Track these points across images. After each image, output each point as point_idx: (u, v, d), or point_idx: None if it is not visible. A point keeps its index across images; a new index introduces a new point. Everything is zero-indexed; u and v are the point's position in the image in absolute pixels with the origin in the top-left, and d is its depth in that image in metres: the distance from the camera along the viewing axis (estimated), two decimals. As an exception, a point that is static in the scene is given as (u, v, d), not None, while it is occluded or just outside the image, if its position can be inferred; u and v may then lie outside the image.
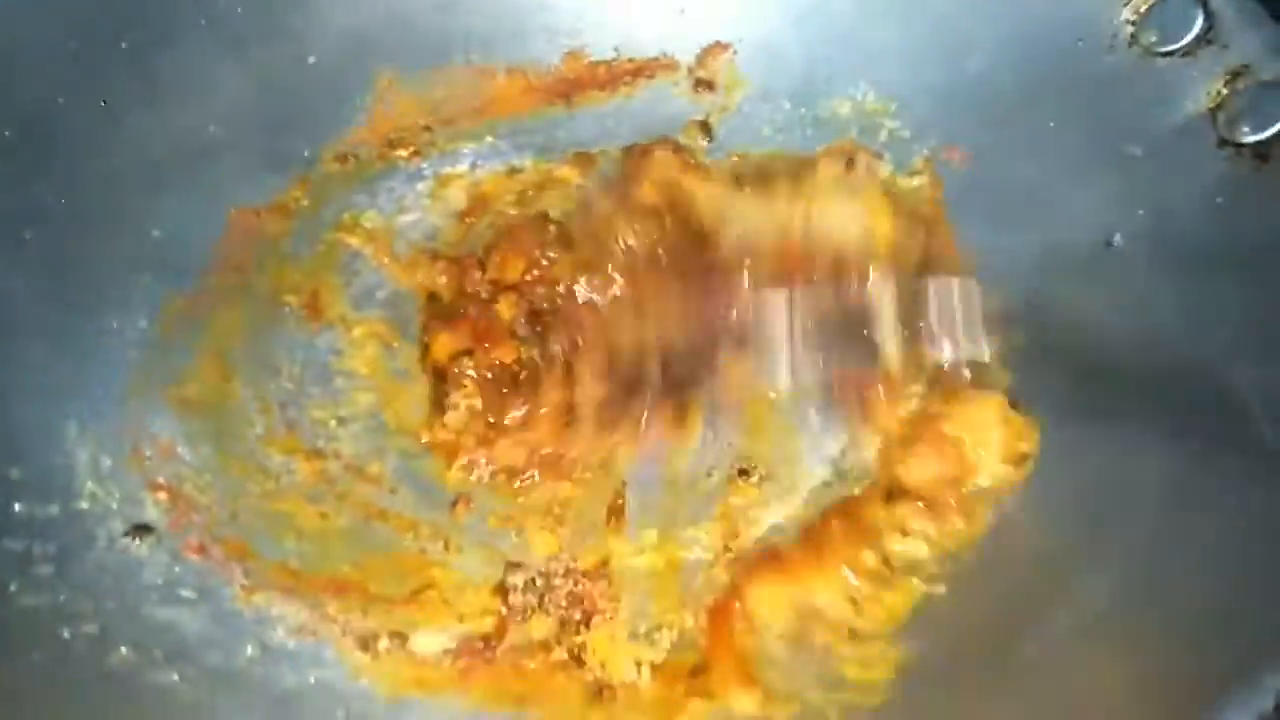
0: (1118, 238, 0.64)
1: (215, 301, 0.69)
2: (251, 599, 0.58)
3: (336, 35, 0.76)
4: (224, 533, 0.60)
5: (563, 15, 0.79)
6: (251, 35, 0.73)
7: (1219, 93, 0.62)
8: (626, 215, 0.70)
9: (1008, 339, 0.66)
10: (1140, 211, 0.64)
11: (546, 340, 0.66)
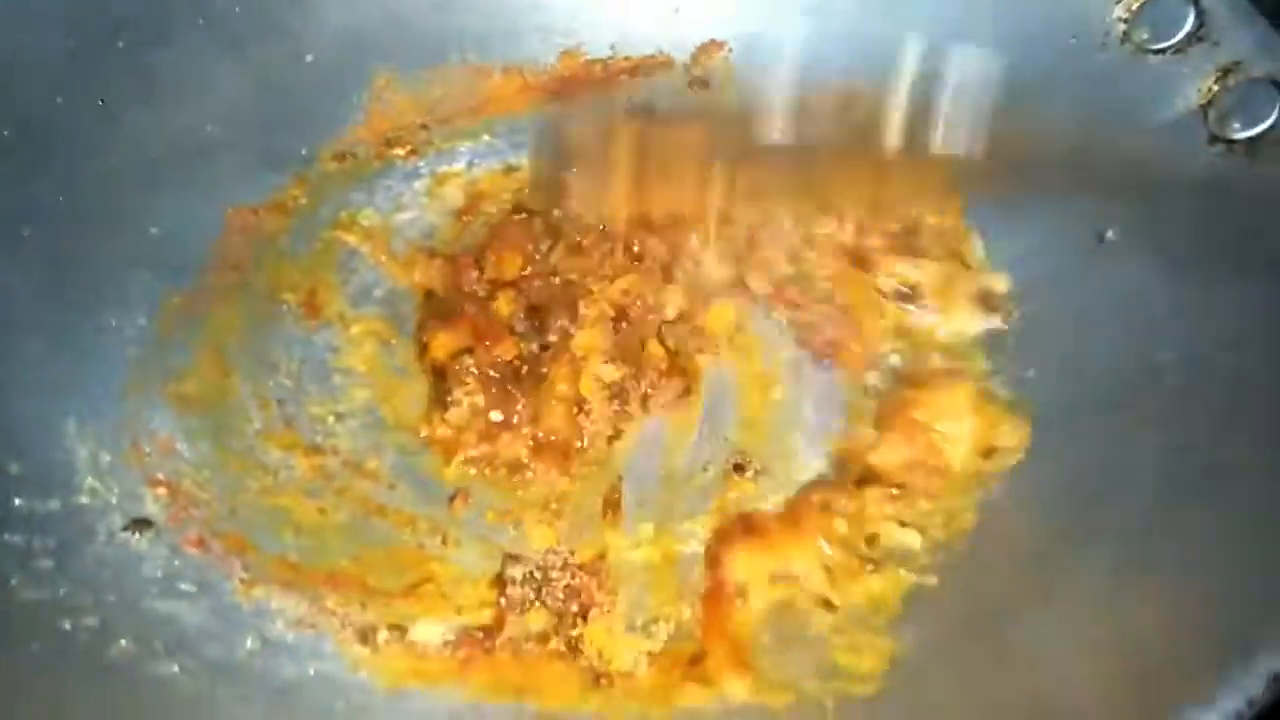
0: (1110, 233, 0.65)
1: (213, 299, 0.69)
2: (251, 592, 0.58)
3: (333, 34, 0.76)
4: (223, 527, 0.61)
5: (558, 14, 0.79)
6: (249, 34, 0.74)
7: (1210, 89, 0.63)
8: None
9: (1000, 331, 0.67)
10: (1132, 207, 0.64)
11: (546, 330, 0.67)
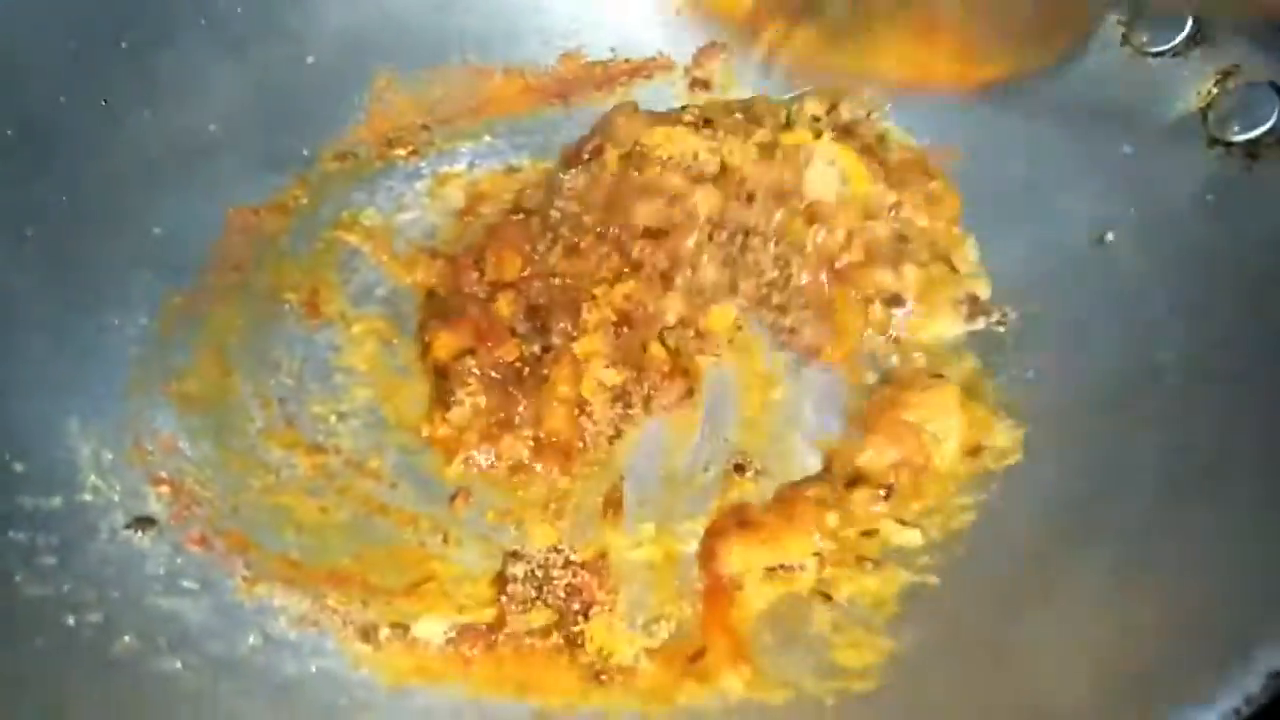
0: (1109, 235, 0.65)
1: (215, 299, 0.69)
2: (253, 590, 0.58)
3: (334, 35, 0.77)
4: (225, 525, 0.61)
5: (559, 16, 0.79)
6: (250, 35, 0.74)
7: (1209, 92, 0.63)
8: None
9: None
10: (1132, 209, 0.65)
11: (548, 332, 0.67)
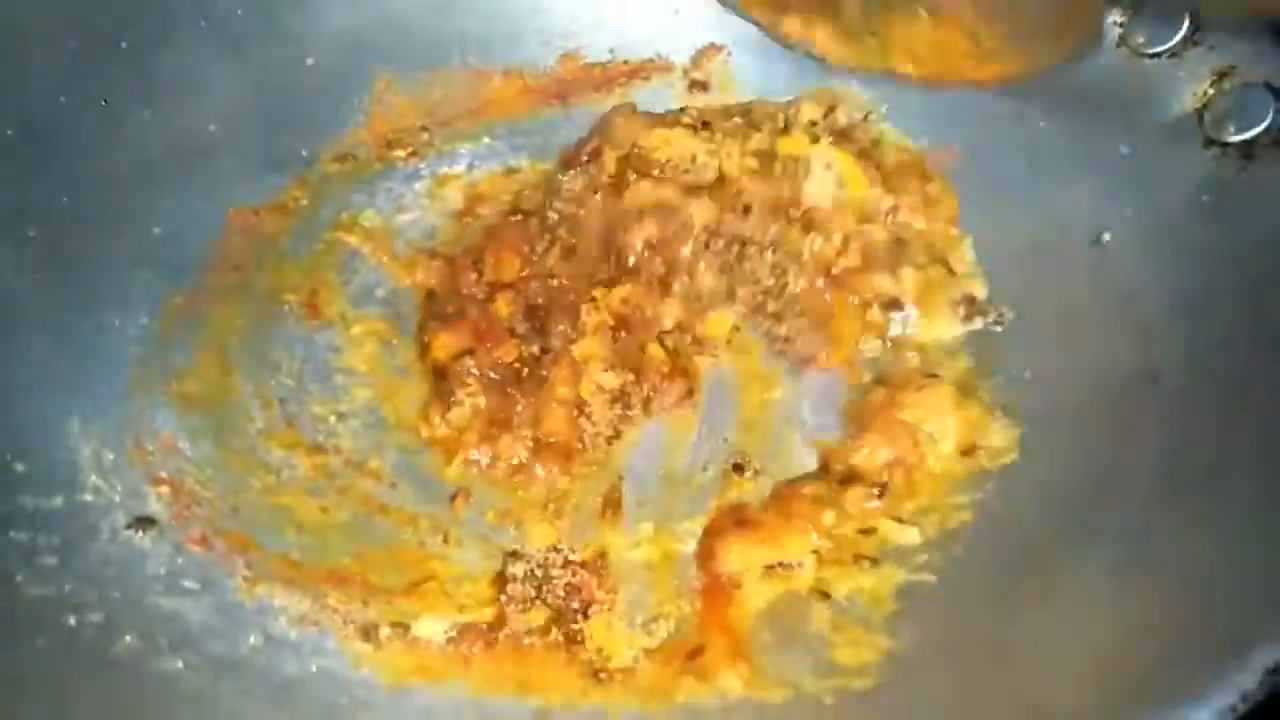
0: (1106, 235, 0.65)
1: (215, 299, 0.70)
2: (254, 590, 0.58)
3: (334, 37, 0.77)
4: (226, 525, 0.61)
5: (558, 17, 0.80)
6: (250, 36, 0.74)
7: (1205, 93, 0.63)
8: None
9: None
10: (1128, 209, 0.65)
11: (547, 334, 0.67)
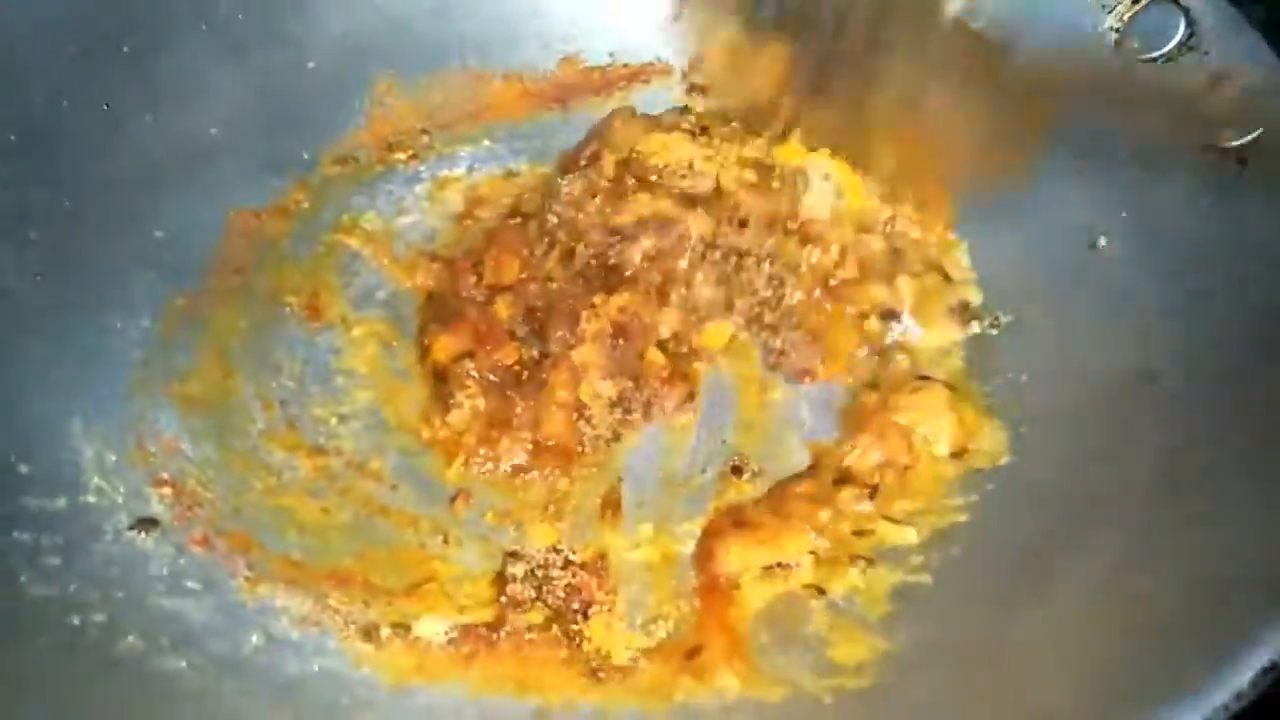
0: (1103, 240, 0.65)
1: (217, 301, 0.70)
2: (255, 590, 0.59)
3: (334, 40, 0.77)
4: (228, 526, 0.61)
5: (557, 21, 0.80)
6: (251, 40, 0.75)
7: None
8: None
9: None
10: (1124, 214, 0.65)
11: (546, 339, 0.67)
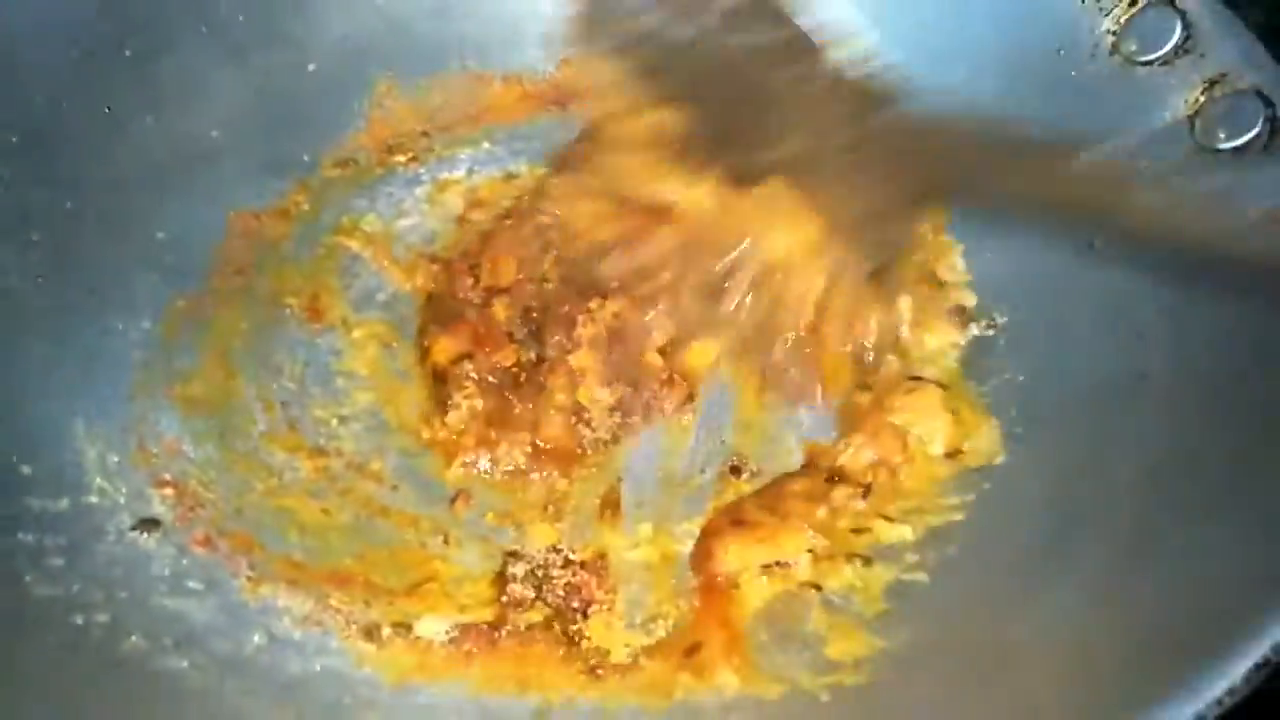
0: (1098, 241, 0.66)
1: (218, 303, 0.70)
2: (257, 590, 0.59)
3: (335, 42, 0.77)
4: (229, 527, 0.61)
5: (557, 23, 0.80)
6: (251, 42, 0.75)
7: (1196, 100, 0.64)
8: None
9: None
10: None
11: (543, 343, 0.67)
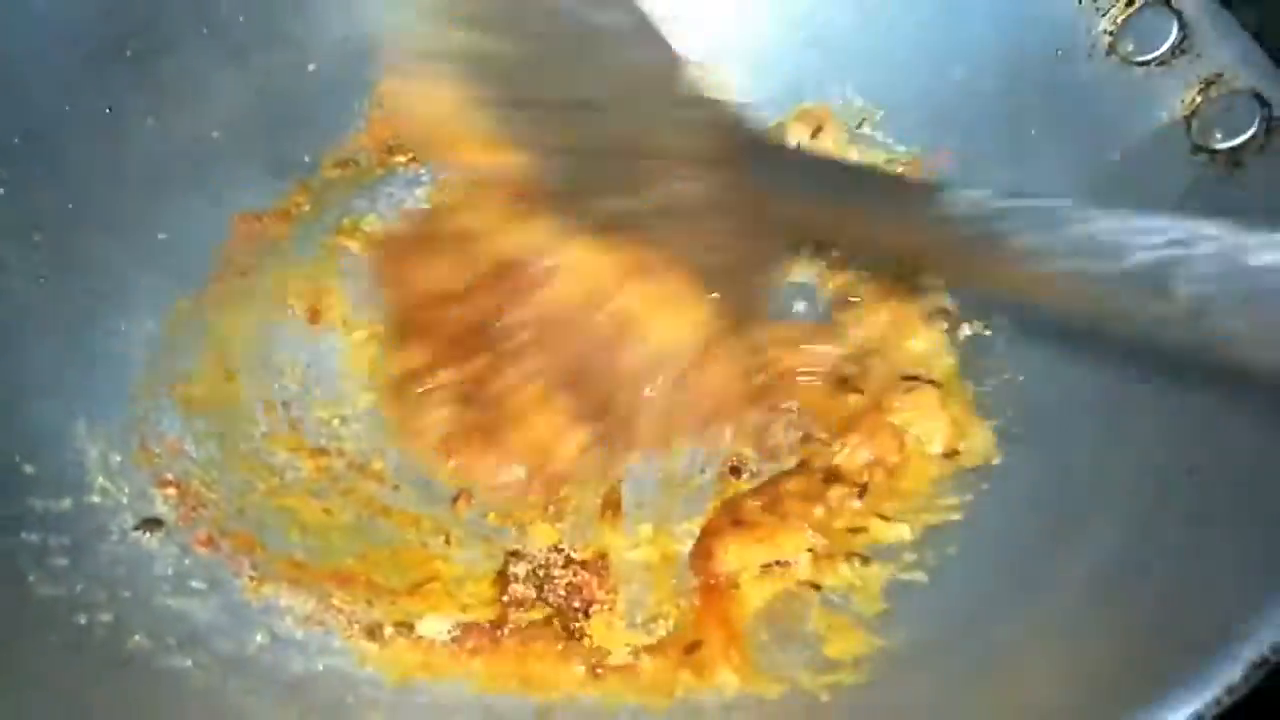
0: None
1: (219, 303, 0.70)
2: (260, 590, 0.59)
3: (335, 43, 0.77)
4: (232, 527, 0.61)
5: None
6: (252, 43, 0.75)
7: (1193, 100, 0.64)
8: None
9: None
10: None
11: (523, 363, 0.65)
